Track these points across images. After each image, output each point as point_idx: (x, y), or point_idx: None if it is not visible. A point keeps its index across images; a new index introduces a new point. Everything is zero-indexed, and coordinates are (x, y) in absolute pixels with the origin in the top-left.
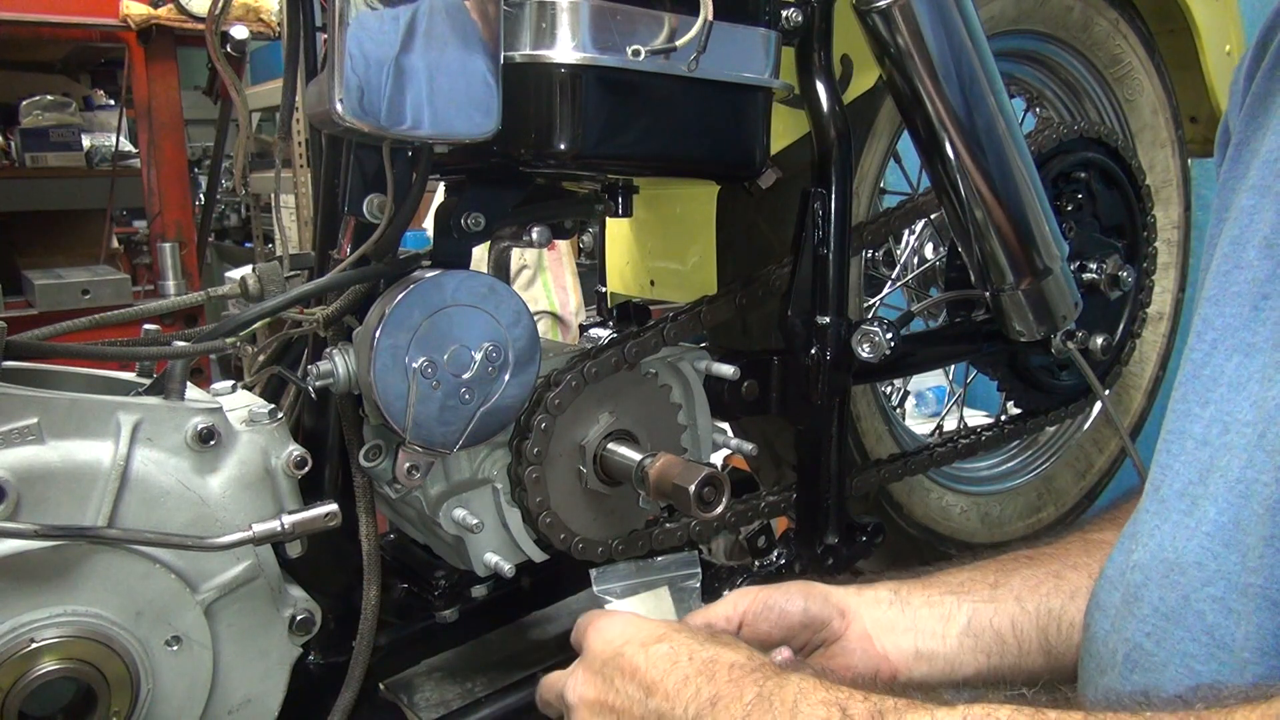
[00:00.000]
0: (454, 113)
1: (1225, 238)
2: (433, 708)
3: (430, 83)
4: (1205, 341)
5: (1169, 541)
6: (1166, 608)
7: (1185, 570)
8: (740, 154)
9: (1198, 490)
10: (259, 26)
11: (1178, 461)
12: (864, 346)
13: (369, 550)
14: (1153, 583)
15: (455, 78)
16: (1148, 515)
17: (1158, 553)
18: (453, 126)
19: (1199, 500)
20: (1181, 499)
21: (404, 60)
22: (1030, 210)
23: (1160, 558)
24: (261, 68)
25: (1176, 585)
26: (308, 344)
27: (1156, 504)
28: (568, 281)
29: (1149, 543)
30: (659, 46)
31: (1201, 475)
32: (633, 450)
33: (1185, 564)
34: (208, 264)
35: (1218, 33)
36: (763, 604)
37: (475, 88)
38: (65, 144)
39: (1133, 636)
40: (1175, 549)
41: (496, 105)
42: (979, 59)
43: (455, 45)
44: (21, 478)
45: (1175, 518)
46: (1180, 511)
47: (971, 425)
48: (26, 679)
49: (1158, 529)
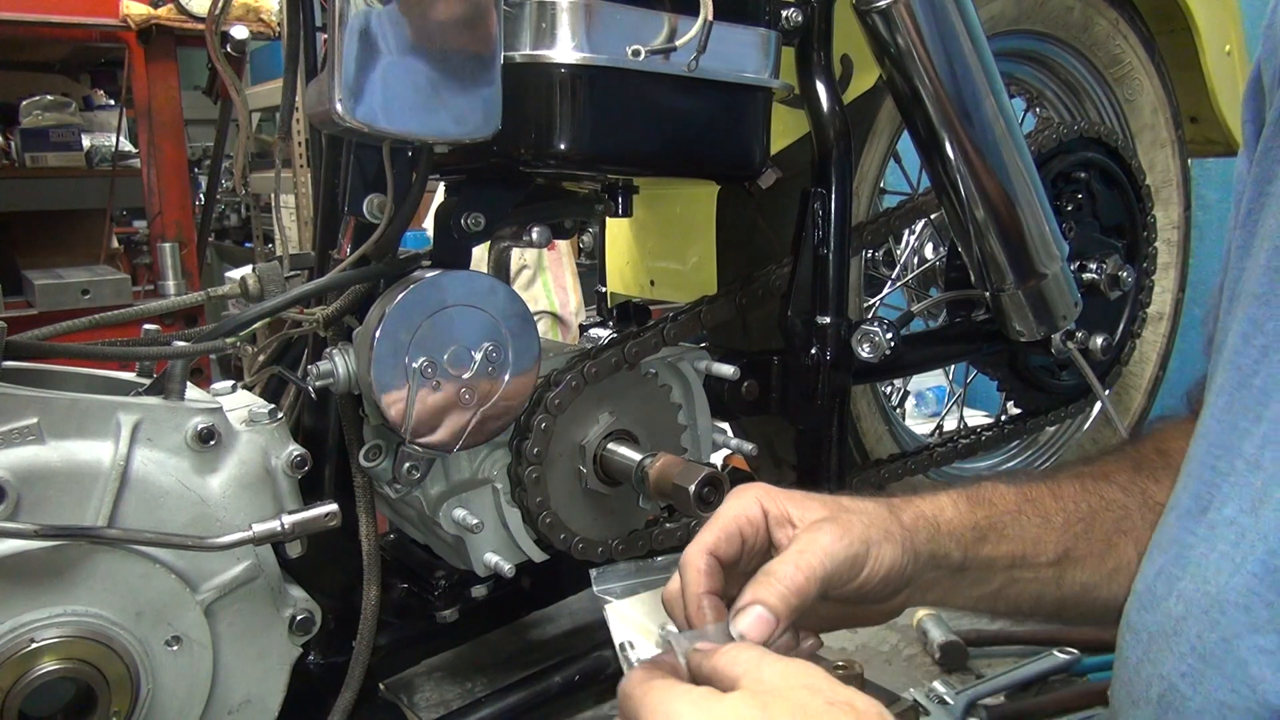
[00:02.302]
0: (454, 113)
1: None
2: (433, 708)
3: (430, 83)
4: (1254, 347)
5: (1213, 574)
6: (1205, 648)
7: (1227, 610)
8: (740, 154)
9: (1247, 521)
10: (259, 26)
11: (1227, 482)
12: (864, 346)
13: (369, 550)
14: (1193, 617)
15: (455, 78)
16: (1195, 539)
17: (1201, 585)
18: (453, 126)
19: (1247, 533)
20: (1230, 527)
21: (404, 60)
22: (1030, 210)
23: (1204, 590)
24: (261, 68)
25: (1217, 625)
26: (308, 344)
27: (1206, 528)
28: (568, 281)
29: (1195, 571)
30: (659, 46)
31: (1254, 504)
32: (633, 450)
33: (1228, 603)
34: (208, 264)
35: (1218, 33)
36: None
37: (475, 88)
38: (65, 144)
39: (1168, 675)
40: (1219, 584)
41: (496, 105)
42: (979, 59)
43: (455, 45)
44: (21, 478)
45: (1223, 548)
46: (1228, 542)
47: (971, 425)
48: (27, 679)
49: (1205, 557)
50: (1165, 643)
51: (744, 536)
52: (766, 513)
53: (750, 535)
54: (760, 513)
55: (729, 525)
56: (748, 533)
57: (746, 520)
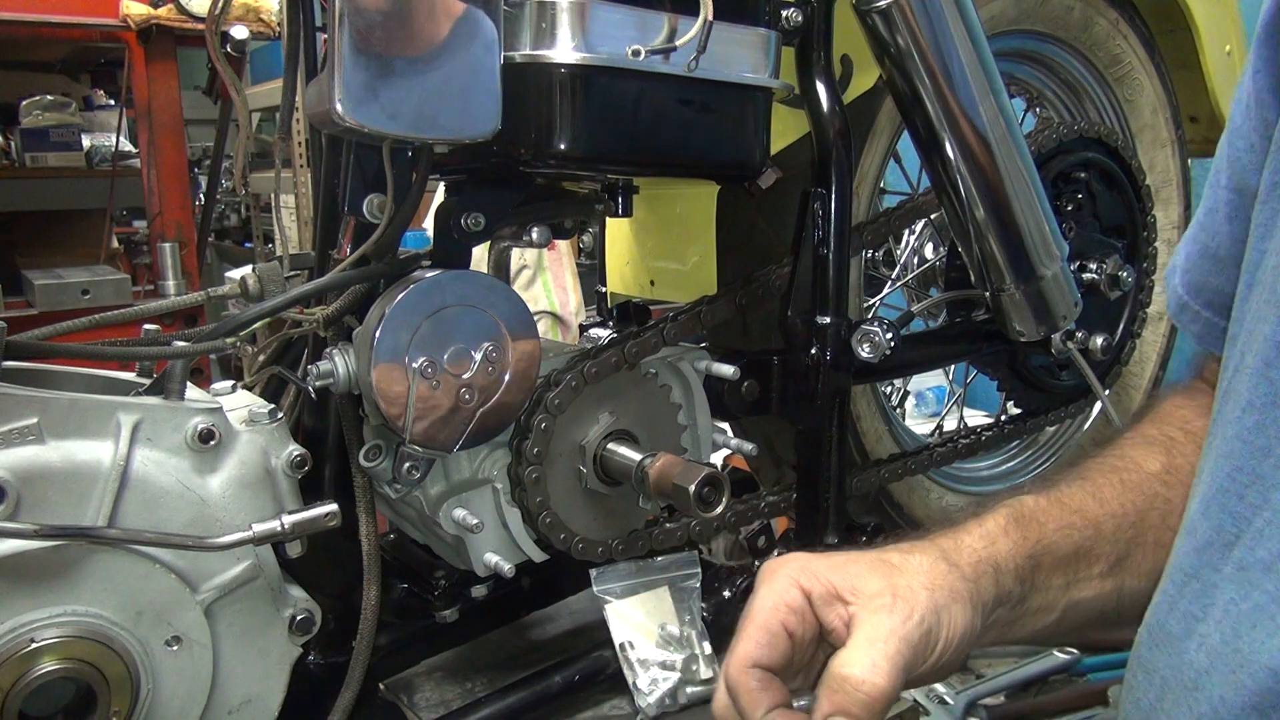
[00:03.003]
0: (454, 113)
1: None
2: (433, 708)
3: (430, 83)
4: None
5: (1247, 630)
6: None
7: (1256, 673)
8: (740, 154)
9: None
10: (259, 26)
11: (1260, 517)
12: (864, 346)
13: (369, 550)
14: (1218, 673)
15: (455, 78)
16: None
17: (1232, 639)
18: (453, 126)
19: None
20: (1269, 575)
21: (404, 60)
22: (1030, 210)
23: (1234, 646)
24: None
25: (1244, 689)
26: (308, 344)
27: (1235, 568)
28: (568, 281)
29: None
30: (659, 46)
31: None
32: (633, 450)
33: (1258, 664)
34: (208, 264)
35: (1218, 33)
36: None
37: (475, 88)
38: (65, 144)
39: None
40: (1252, 642)
41: (496, 105)
42: (979, 59)
43: (455, 45)
44: (21, 478)
45: (1259, 599)
46: (1266, 594)
47: (971, 425)
48: (26, 679)
49: (1235, 605)
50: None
51: (790, 631)
52: (809, 593)
53: (796, 627)
54: (801, 597)
55: (770, 624)
56: (792, 625)
57: (788, 611)
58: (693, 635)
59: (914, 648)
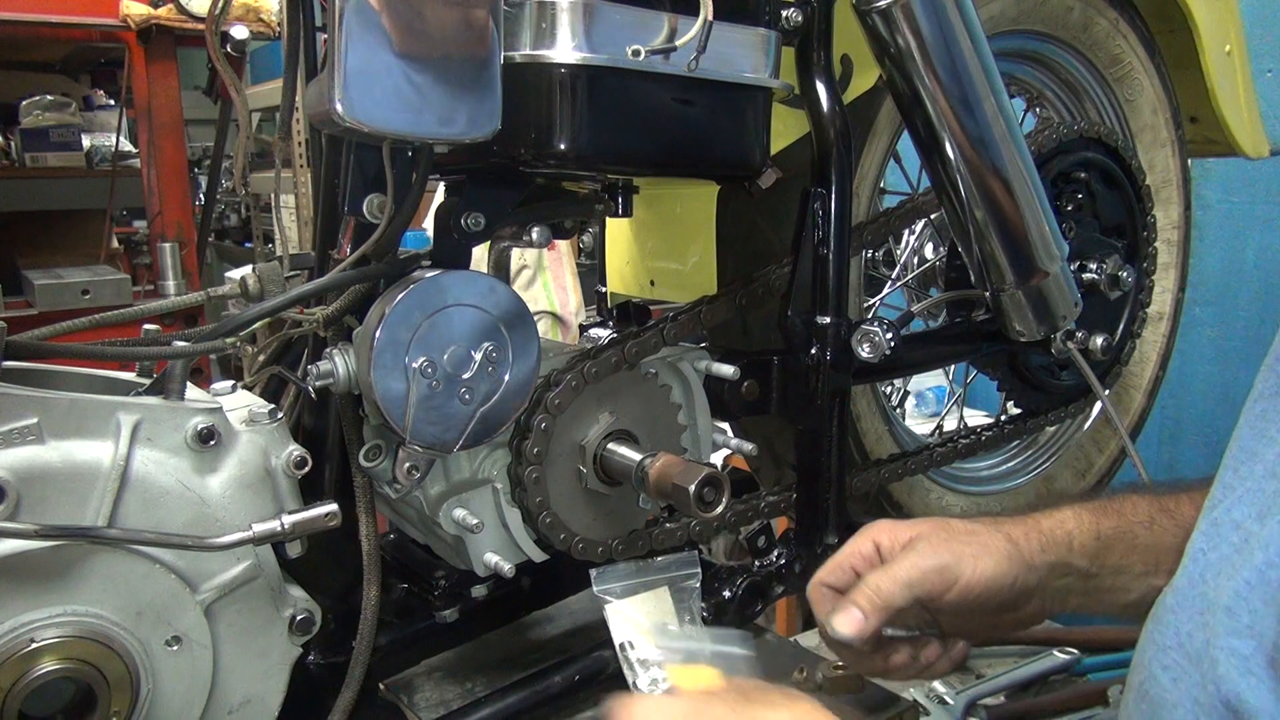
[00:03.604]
0: (454, 113)
1: None
2: (433, 708)
3: (430, 83)
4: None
5: (1211, 575)
6: (1193, 647)
7: (1215, 613)
8: (740, 154)
9: (1253, 527)
10: (259, 26)
11: (1242, 485)
12: (864, 346)
13: (369, 550)
14: (1183, 611)
15: (455, 78)
16: (1199, 535)
17: (1197, 583)
18: (453, 126)
19: (1251, 539)
20: (1236, 531)
21: (404, 60)
22: (1030, 210)
23: (1199, 590)
24: (261, 68)
25: (1206, 626)
26: (308, 344)
27: (1210, 525)
28: (568, 281)
29: (1191, 566)
30: (659, 46)
31: (1261, 512)
32: (633, 450)
33: (1217, 606)
34: (208, 264)
35: (1218, 33)
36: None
37: (475, 88)
38: (65, 144)
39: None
40: (1215, 585)
41: (496, 105)
42: (979, 59)
43: (455, 45)
44: (21, 478)
45: (1225, 550)
46: (1231, 545)
47: (971, 425)
48: (26, 679)
49: (1204, 554)
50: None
51: (855, 569)
52: (879, 545)
53: (862, 566)
54: (872, 547)
55: (841, 560)
56: (859, 565)
57: (859, 556)
58: None
59: (926, 574)
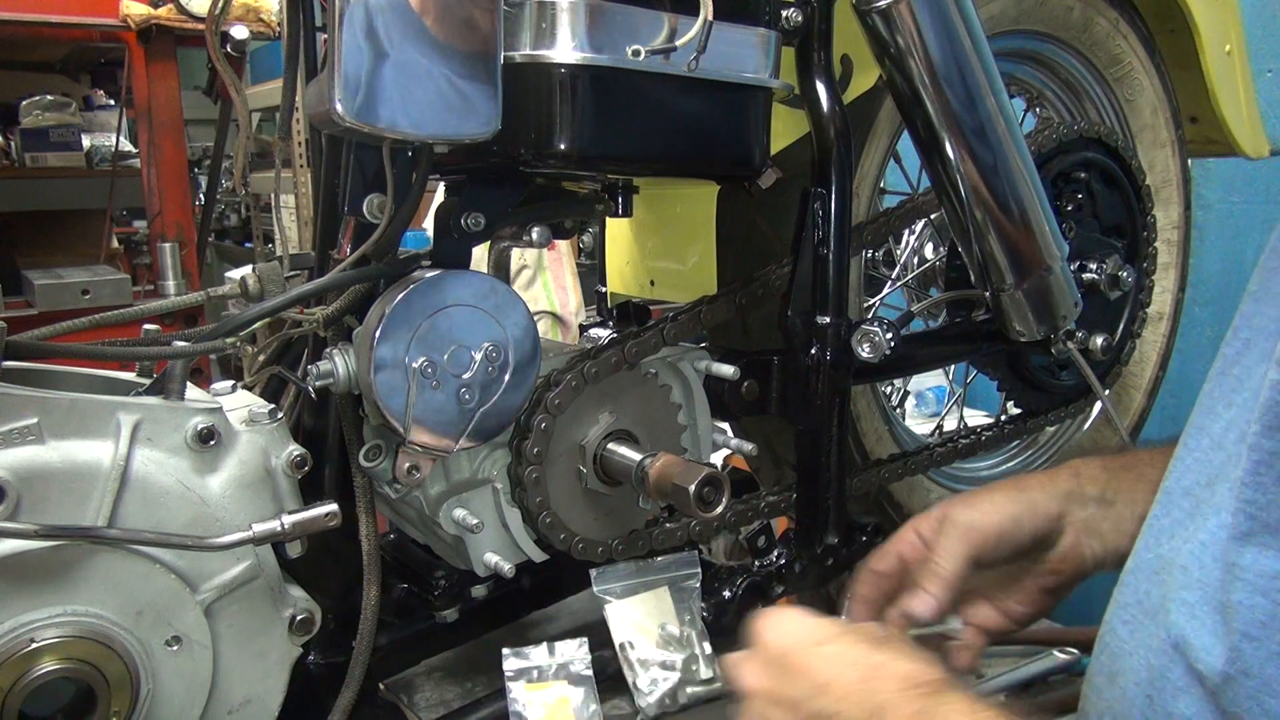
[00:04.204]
0: (454, 113)
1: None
2: (433, 708)
3: (430, 83)
4: (1240, 339)
5: (1166, 539)
6: (1150, 603)
7: (1171, 571)
8: (740, 154)
9: (1203, 494)
10: (259, 26)
11: (1191, 457)
12: (864, 346)
13: (369, 550)
14: (1141, 573)
15: (455, 78)
16: (1155, 504)
17: (1153, 546)
18: (453, 127)
19: (1201, 505)
20: (1186, 498)
21: (404, 60)
22: (1030, 210)
23: (1155, 553)
24: (261, 68)
25: (1162, 584)
26: (308, 344)
27: (1164, 495)
28: (568, 281)
29: (1147, 532)
30: (659, 46)
31: (1209, 480)
32: (633, 450)
33: (1173, 565)
34: (208, 264)
35: (1218, 32)
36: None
37: (475, 88)
38: (65, 144)
39: (1110, 621)
40: (1171, 549)
41: (496, 105)
42: (979, 59)
43: (455, 45)
44: (21, 478)
45: (1177, 515)
46: (1183, 511)
47: (971, 425)
48: (26, 679)
49: (1159, 520)
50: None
51: (902, 555)
52: (919, 533)
53: (910, 554)
54: (915, 536)
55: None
56: (905, 551)
57: (905, 544)
58: (693, 635)
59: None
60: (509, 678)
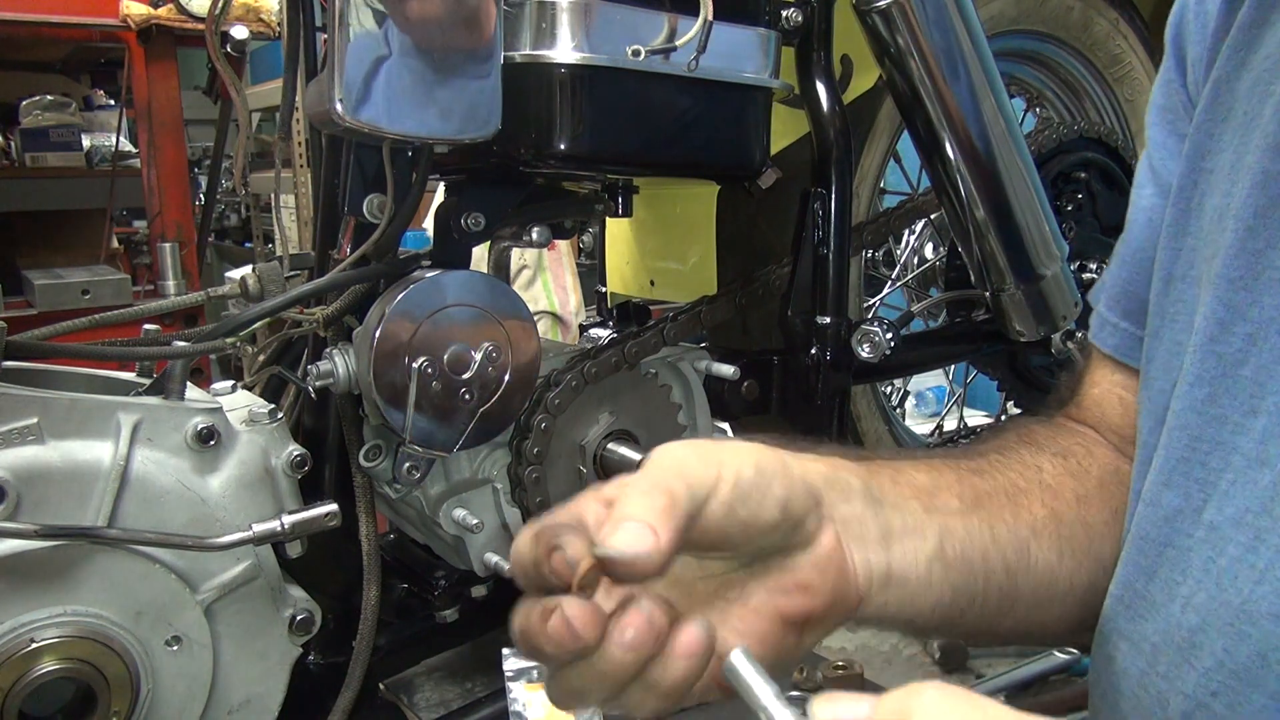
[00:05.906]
0: (454, 113)
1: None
2: (433, 708)
3: (430, 83)
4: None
5: (1231, 581)
6: (1236, 664)
7: (1258, 621)
8: (740, 154)
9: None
10: (259, 26)
11: (1224, 479)
12: (864, 346)
13: (369, 550)
14: (1214, 629)
15: (455, 78)
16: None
17: (1218, 594)
18: (453, 127)
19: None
20: (1240, 529)
21: (404, 60)
22: (1030, 210)
23: (1222, 600)
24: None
25: (1248, 638)
26: (308, 344)
27: (1206, 529)
28: (568, 281)
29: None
30: (659, 46)
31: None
32: (633, 450)
33: (1258, 614)
34: (208, 264)
35: None
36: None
37: (475, 88)
38: (65, 144)
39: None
40: (1241, 592)
41: (496, 105)
42: (979, 59)
43: (455, 45)
44: (21, 478)
45: (1234, 551)
46: (1240, 545)
47: (971, 425)
48: (26, 679)
49: (1213, 562)
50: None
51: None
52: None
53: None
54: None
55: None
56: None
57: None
58: None
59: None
60: (509, 678)
